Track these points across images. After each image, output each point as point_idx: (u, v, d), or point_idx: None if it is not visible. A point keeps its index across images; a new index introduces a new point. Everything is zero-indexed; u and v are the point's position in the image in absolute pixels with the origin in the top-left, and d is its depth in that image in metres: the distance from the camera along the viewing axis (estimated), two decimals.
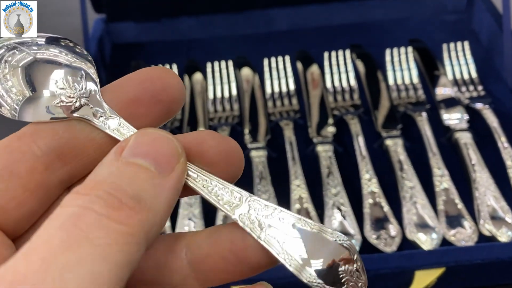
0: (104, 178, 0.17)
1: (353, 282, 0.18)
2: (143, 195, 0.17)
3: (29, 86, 0.19)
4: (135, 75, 0.20)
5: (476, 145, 0.51)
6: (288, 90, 0.60)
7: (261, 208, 0.19)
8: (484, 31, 0.65)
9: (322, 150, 0.52)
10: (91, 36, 0.64)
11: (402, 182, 0.49)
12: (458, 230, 0.45)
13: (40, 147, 0.19)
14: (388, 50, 0.62)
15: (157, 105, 0.20)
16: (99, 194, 0.16)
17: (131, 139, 0.18)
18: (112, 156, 0.18)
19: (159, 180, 0.17)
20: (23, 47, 0.20)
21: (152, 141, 0.18)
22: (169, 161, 0.18)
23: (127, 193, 0.17)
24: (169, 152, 0.18)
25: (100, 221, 0.16)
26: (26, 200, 0.19)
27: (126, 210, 0.16)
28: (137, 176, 0.17)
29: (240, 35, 0.69)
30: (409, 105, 0.57)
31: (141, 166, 0.17)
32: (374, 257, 0.42)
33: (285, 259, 0.18)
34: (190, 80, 0.62)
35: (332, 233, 0.19)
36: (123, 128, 0.20)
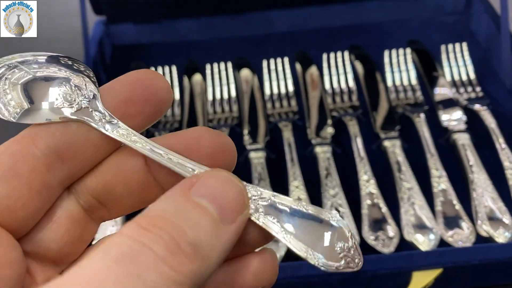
0: (169, 215, 0.17)
1: (350, 258, 0.19)
2: (201, 243, 0.17)
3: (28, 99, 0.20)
4: (126, 77, 0.21)
5: (474, 146, 0.51)
6: (287, 91, 0.60)
7: (258, 194, 0.20)
8: (482, 33, 0.65)
9: (320, 151, 0.53)
10: (91, 38, 0.65)
11: (400, 183, 0.49)
12: (455, 231, 0.45)
13: (40, 149, 0.19)
14: (387, 52, 0.62)
15: (148, 105, 0.21)
16: (161, 234, 0.16)
17: (202, 177, 0.18)
18: (180, 190, 0.18)
19: (219, 229, 0.17)
20: (23, 66, 0.20)
21: (222, 185, 0.18)
22: (234, 211, 0.18)
23: (187, 238, 0.16)
24: (235, 201, 0.18)
25: (156, 263, 0.16)
26: (32, 199, 0.19)
27: (182, 257, 0.16)
28: (201, 220, 0.17)
29: (240, 36, 0.69)
30: (408, 106, 0.57)
31: (206, 211, 0.17)
32: (372, 258, 0.42)
33: (284, 238, 0.19)
34: (190, 81, 0.63)
35: (327, 214, 0.20)
36: (122, 130, 0.20)
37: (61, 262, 0.21)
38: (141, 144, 0.20)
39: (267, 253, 0.21)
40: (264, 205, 0.20)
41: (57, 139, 0.20)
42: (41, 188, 0.19)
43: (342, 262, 0.19)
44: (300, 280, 0.41)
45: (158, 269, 0.15)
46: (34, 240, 0.20)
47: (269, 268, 0.20)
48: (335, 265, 0.19)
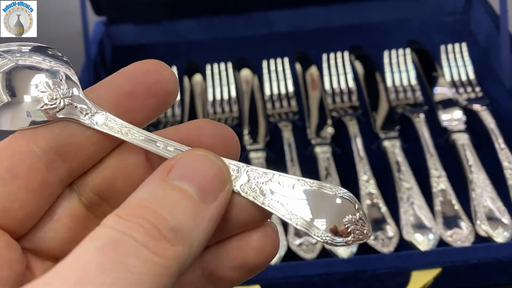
0: (147, 203, 0.17)
1: (358, 230, 0.19)
2: (182, 226, 0.17)
3: (8, 91, 0.19)
4: (129, 69, 0.20)
5: (473, 146, 0.52)
6: (287, 91, 0.61)
7: (260, 176, 0.20)
8: (482, 33, 0.65)
9: (320, 152, 0.53)
10: (92, 39, 0.65)
11: (399, 183, 0.49)
12: (455, 230, 0.45)
13: (40, 147, 0.19)
14: (387, 52, 0.62)
15: (152, 98, 0.20)
16: (140, 221, 0.16)
17: (180, 159, 0.18)
18: (159, 175, 0.18)
19: (200, 209, 0.17)
20: (7, 54, 0.20)
21: (199, 164, 0.18)
22: (214, 189, 0.18)
23: (167, 224, 0.16)
24: (215, 179, 0.18)
25: (138, 249, 0.16)
26: (29, 200, 0.19)
27: (164, 242, 0.16)
28: (180, 203, 0.17)
29: (240, 37, 0.69)
30: (407, 106, 0.57)
31: (185, 192, 0.17)
32: (371, 257, 0.43)
33: (291, 219, 0.19)
34: (190, 81, 0.63)
35: (331, 188, 0.20)
36: (111, 122, 0.20)
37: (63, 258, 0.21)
38: (133, 135, 0.20)
39: (268, 227, 0.20)
40: (269, 187, 0.20)
41: (57, 137, 0.19)
42: (40, 188, 0.19)
43: (351, 236, 0.19)
44: (300, 279, 0.41)
45: (140, 255, 0.16)
46: (34, 238, 0.20)
47: (270, 242, 0.20)
48: (344, 240, 0.19)
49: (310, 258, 0.44)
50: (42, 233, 0.20)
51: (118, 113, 0.20)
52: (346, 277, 0.42)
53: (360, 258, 0.43)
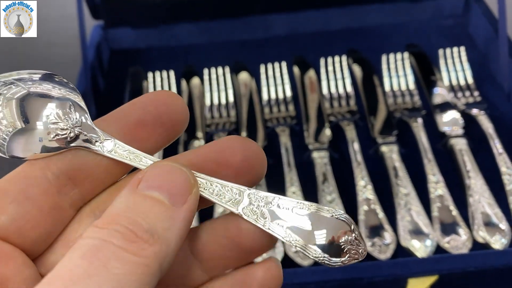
0: (122, 212, 0.18)
1: (354, 250, 0.20)
2: (157, 228, 0.18)
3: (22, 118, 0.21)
4: (139, 99, 0.21)
5: (471, 151, 0.51)
6: (284, 96, 0.60)
7: (261, 199, 0.21)
8: (480, 36, 0.65)
9: (317, 157, 0.53)
10: (89, 43, 0.65)
11: (397, 189, 0.49)
12: (452, 237, 0.45)
13: (52, 172, 0.20)
14: (385, 56, 0.62)
15: (160, 127, 0.21)
16: (117, 228, 0.18)
17: (146, 172, 0.19)
18: (129, 188, 0.19)
19: (172, 212, 0.19)
20: (19, 82, 0.21)
21: (166, 174, 0.19)
22: (182, 193, 0.19)
23: (142, 227, 0.18)
24: (182, 184, 0.19)
25: (117, 253, 0.17)
26: (42, 221, 0.20)
27: (141, 243, 0.17)
28: (152, 209, 0.18)
29: (238, 40, 0.69)
30: (405, 111, 0.57)
31: (156, 199, 0.19)
32: (368, 264, 0.42)
33: (290, 241, 0.20)
34: (188, 85, 0.63)
35: (328, 210, 0.21)
36: (119, 148, 0.21)
37: None
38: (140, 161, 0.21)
39: (271, 262, 0.21)
40: (269, 210, 0.21)
41: (69, 163, 0.21)
42: (52, 210, 0.20)
43: (347, 256, 0.20)
44: (296, 287, 0.41)
45: (120, 257, 0.17)
46: (48, 263, 0.21)
47: (274, 276, 0.21)
48: (341, 260, 0.20)
49: (306, 265, 0.44)
50: (55, 259, 0.21)
51: (128, 141, 0.21)
52: (342, 285, 0.41)
53: (356, 265, 0.43)
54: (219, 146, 0.21)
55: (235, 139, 0.21)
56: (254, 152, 0.21)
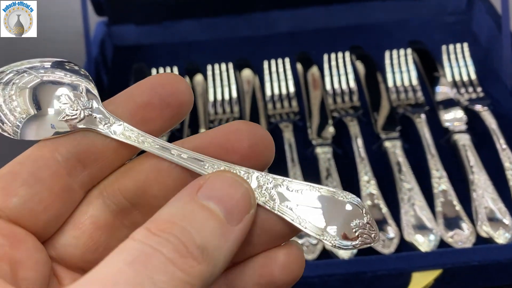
0: (177, 220, 0.17)
1: (366, 234, 0.20)
2: (208, 245, 0.17)
3: (34, 105, 0.21)
4: (145, 81, 0.21)
5: (474, 147, 0.51)
6: (288, 92, 0.60)
7: (270, 181, 0.20)
8: (484, 33, 0.65)
9: (321, 152, 0.53)
10: (93, 39, 0.65)
11: (400, 184, 0.49)
12: (456, 231, 0.45)
13: (62, 154, 0.20)
14: (388, 52, 0.62)
15: (167, 109, 0.21)
16: (169, 238, 0.17)
17: (209, 179, 0.19)
18: (189, 193, 0.18)
19: (226, 230, 0.18)
20: (32, 70, 0.21)
21: (228, 186, 0.19)
22: (240, 212, 0.18)
23: (195, 242, 0.17)
24: (241, 202, 0.19)
25: (166, 265, 0.16)
26: (53, 203, 0.20)
27: (190, 259, 0.17)
28: (207, 223, 0.18)
29: (241, 37, 0.69)
30: (408, 106, 0.57)
31: (213, 213, 0.18)
32: (372, 258, 0.43)
33: (300, 224, 0.20)
34: (191, 82, 0.63)
35: (339, 193, 0.20)
36: (128, 131, 0.21)
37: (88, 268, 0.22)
38: (149, 144, 0.21)
39: (293, 245, 0.21)
40: (278, 193, 0.20)
41: (78, 145, 0.20)
42: (62, 192, 0.20)
43: (358, 240, 0.20)
44: (300, 280, 0.41)
45: (168, 270, 0.16)
46: (58, 246, 0.21)
47: (296, 261, 0.21)
48: (352, 243, 0.20)
49: (310, 259, 0.44)
50: (65, 241, 0.21)
51: (135, 122, 0.21)
52: (346, 279, 0.42)
53: (360, 259, 0.43)
54: (225, 131, 0.21)
55: (242, 123, 0.21)
56: (261, 138, 0.21)
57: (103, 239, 0.21)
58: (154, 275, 0.16)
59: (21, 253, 0.19)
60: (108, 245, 0.21)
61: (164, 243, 0.17)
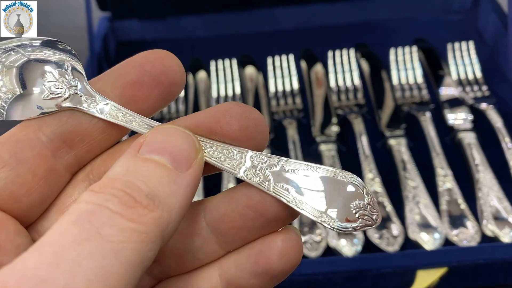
0: (120, 176, 0.17)
1: (367, 216, 0.19)
2: (158, 192, 0.17)
3: (20, 84, 0.20)
4: (135, 58, 0.20)
5: (480, 145, 0.51)
6: (291, 89, 0.60)
7: (264, 161, 0.19)
8: (489, 31, 0.65)
9: (325, 149, 0.52)
10: (96, 34, 0.64)
11: (405, 182, 0.48)
12: (460, 230, 0.45)
13: (46, 134, 0.19)
14: (393, 50, 0.61)
15: (157, 88, 0.20)
16: (114, 192, 0.16)
17: (148, 135, 0.18)
18: (129, 152, 0.18)
19: (175, 176, 0.17)
20: (19, 48, 0.20)
21: (169, 137, 0.18)
22: (187, 157, 0.18)
23: (142, 191, 0.16)
24: (186, 148, 0.18)
25: (113, 218, 0.16)
26: (36, 185, 0.19)
27: (140, 209, 0.16)
28: (153, 173, 0.17)
29: (245, 33, 0.69)
30: (413, 104, 0.57)
31: (158, 163, 0.17)
32: (376, 256, 0.42)
33: (297, 206, 0.19)
34: (194, 78, 0.62)
35: (338, 173, 0.19)
36: (115, 111, 0.20)
37: None
38: (137, 123, 0.20)
39: (291, 231, 0.20)
40: (273, 173, 0.19)
41: (63, 125, 0.20)
42: (47, 174, 0.19)
43: (359, 222, 0.19)
44: (304, 277, 0.41)
45: (116, 223, 0.15)
46: (41, 229, 0.20)
47: (294, 246, 0.20)
48: (352, 225, 0.19)
49: (314, 256, 0.43)
50: (49, 223, 0.20)
51: (124, 102, 0.20)
52: (350, 276, 0.41)
53: (365, 256, 0.43)
54: (215, 112, 0.20)
55: (233, 105, 0.20)
56: (253, 120, 0.20)
57: None
58: (101, 229, 0.15)
59: (1, 237, 0.18)
60: None
61: (109, 198, 0.16)
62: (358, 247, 0.44)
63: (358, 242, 0.44)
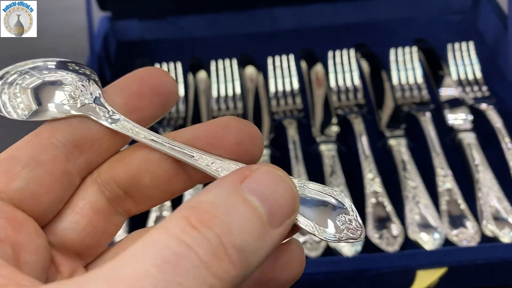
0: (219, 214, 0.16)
1: (352, 229, 0.20)
2: (247, 247, 0.16)
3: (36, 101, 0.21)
4: (134, 74, 0.22)
5: (479, 145, 0.51)
6: (292, 89, 0.60)
7: None
8: (489, 31, 0.65)
9: (325, 149, 0.52)
10: (96, 34, 0.64)
11: (405, 182, 0.49)
12: (460, 230, 0.45)
13: (59, 139, 0.21)
14: (393, 50, 0.61)
15: (157, 98, 0.22)
16: (208, 235, 0.15)
17: (255, 171, 0.17)
18: (233, 182, 0.17)
19: (265, 232, 0.16)
20: (34, 71, 0.22)
21: (275, 185, 0.17)
22: (283, 215, 0.17)
23: (234, 242, 0.15)
24: (286, 204, 0.17)
25: (198, 269, 0.15)
26: (54, 186, 0.20)
27: (226, 263, 0.15)
28: (249, 221, 0.16)
29: (245, 33, 0.69)
30: (413, 105, 0.57)
31: (257, 210, 0.16)
32: (376, 256, 0.42)
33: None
34: (194, 78, 0.62)
35: (326, 189, 0.20)
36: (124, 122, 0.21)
37: (85, 254, 0.22)
38: (144, 135, 0.21)
39: (294, 244, 0.20)
40: None
41: (75, 131, 0.21)
42: (62, 176, 0.20)
43: (343, 233, 0.19)
44: (304, 277, 0.41)
45: (200, 276, 0.15)
46: (57, 231, 0.21)
47: (296, 259, 0.20)
48: (337, 236, 0.19)
49: (314, 256, 0.43)
50: (64, 225, 0.21)
51: (128, 111, 0.22)
52: (350, 276, 0.41)
53: (364, 256, 0.43)
54: (213, 125, 0.21)
55: (231, 119, 0.21)
56: (249, 135, 0.21)
57: (101, 224, 0.21)
58: (184, 282, 0.14)
59: (22, 236, 0.19)
60: (106, 230, 0.22)
61: (201, 241, 0.15)
62: (358, 247, 0.44)
63: (358, 242, 0.44)
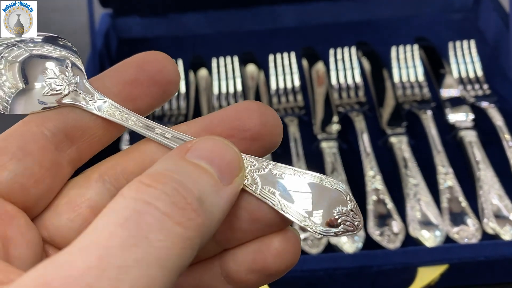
0: (171, 172, 0.16)
1: (349, 222, 0.19)
2: (205, 199, 0.16)
3: (23, 79, 0.21)
4: (132, 59, 0.21)
5: (481, 143, 0.51)
6: (293, 86, 0.60)
7: (253, 164, 0.20)
8: (491, 30, 0.65)
9: (326, 147, 0.52)
10: (98, 31, 0.64)
11: (406, 180, 0.49)
12: (461, 227, 0.45)
13: (49, 129, 0.20)
14: (394, 48, 0.62)
15: (154, 86, 0.21)
16: (165, 189, 0.16)
17: (197, 142, 0.18)
18: (176, 154, 0.18)
19: (220, 188, 0.17)
20: (21, 44, 0.21)
21: (218, 148, 0.18)
22: (231, 172, 0.18)
23: (193, 193, 0.16)
24: (233, 163, 0.18)
25: (161, 221, 0.15)
26: (43, 177, 0.19)
27: (189, 212, 0.16)
28: (202, 178, 0.17)
29: (246, 31, 0.69)
30: (414, 103, 0.57)
31: (206, 170, 0.17)
32: (377, 253, 0.42)
33: (282, 209, 0.19)
34: (196, 75, 0.62)
35: (324, 179, 0.20)
36: (112, 109, 0.21)
37: None
38: (133, 122, 0.20)
39: (289, 233, 0.20)
40: (260, 176, 0.19)
41: (65, 120, 0.20)
42: (51, 166, 0.20)
43: (340, 227, 0.19)
44: (305, 274, 0.41)
45: (164, 227, 0.15)
46: (51, 227, 0.20)
47: (291, 248, 0.20)
48: (333, 230, 0.19)
49: (315, 253, 0.43)
50: (60, 222, 0.20)
51: (122, 100, 0.21)
52: (351, 273, 0.41)
53: (366, 253, 0.43)
54: (235, 109, 0.20)
55: (251, 103, 0.21)
56: (271, 118, 0.20)
57: None
58: (149, 234, 0.15)
59: (12, 230, 0.18)
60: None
61: (159, 196, 0.15)
62: (359, 244, 0.44)
63: (359, 239, 0.44)
